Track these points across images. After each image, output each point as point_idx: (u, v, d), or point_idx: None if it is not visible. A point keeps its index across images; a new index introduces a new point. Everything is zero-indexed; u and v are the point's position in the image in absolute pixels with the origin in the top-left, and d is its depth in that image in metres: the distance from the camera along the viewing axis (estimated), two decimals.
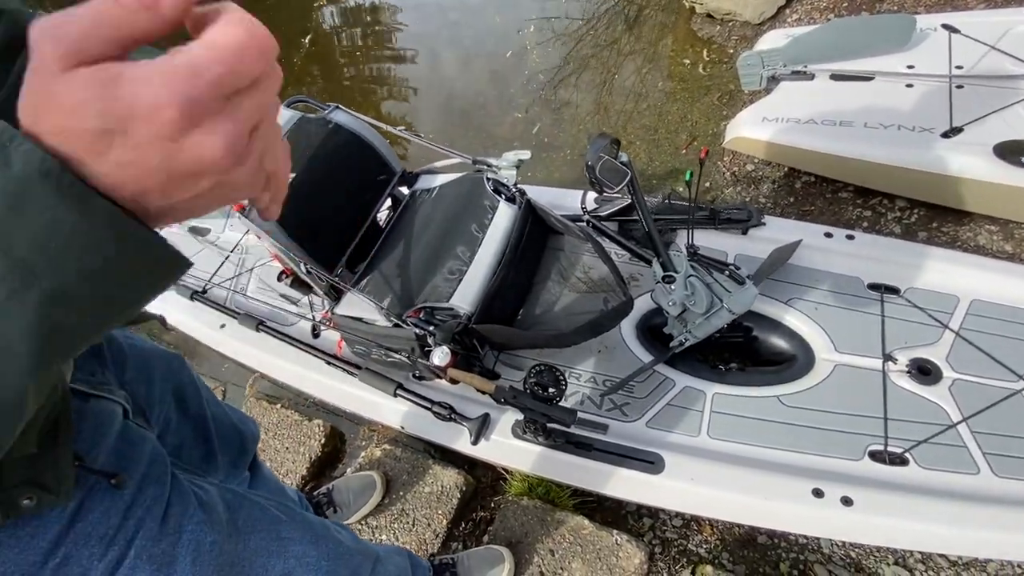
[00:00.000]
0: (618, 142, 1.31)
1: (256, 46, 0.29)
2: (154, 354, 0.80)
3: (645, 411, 1.37)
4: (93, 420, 0.63)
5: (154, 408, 0.76)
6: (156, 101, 0.25)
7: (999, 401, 1.22)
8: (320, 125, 1.54)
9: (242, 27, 0.29)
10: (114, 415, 0.67)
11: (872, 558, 1.31)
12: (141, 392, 0.74)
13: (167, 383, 0.80)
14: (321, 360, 1.58)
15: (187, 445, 0.84)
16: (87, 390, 0.65)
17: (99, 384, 0.67)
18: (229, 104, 0.28)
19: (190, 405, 0.84)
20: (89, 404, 0.64)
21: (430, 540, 1.41)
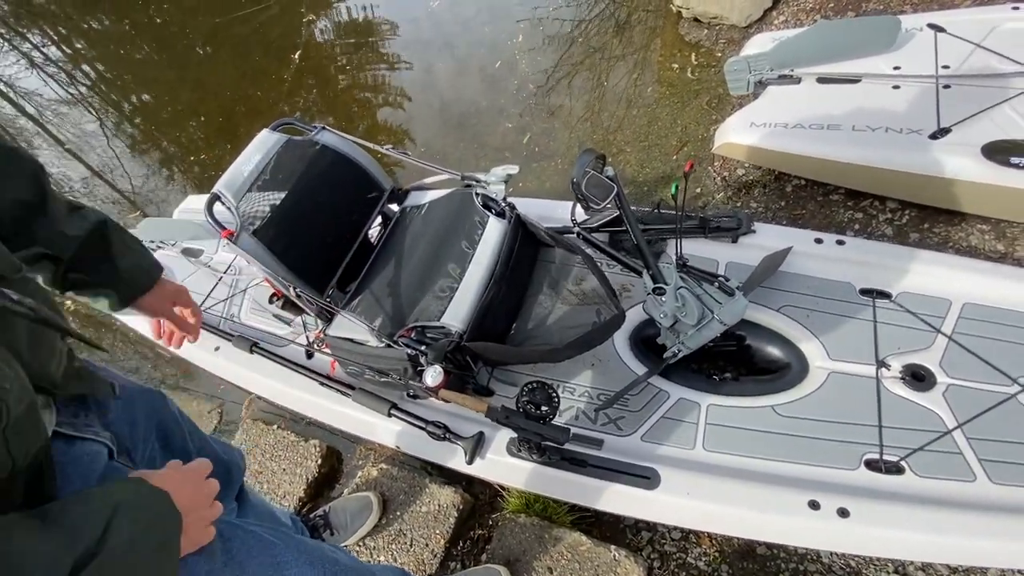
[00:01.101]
0: (603, 157, 1.31)
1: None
2: (136, 392, 0.80)
3: (640, 425, 1.36)
4: (78, 463, 0.64)
5: (138, 446, 0.76)
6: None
7: (994, 406, 1.21)
8: (307, 147, 1.54)
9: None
10: (99, 456, 0.67)
11: (872, 567, 1.30)
12: (125, 432, 0.74)
13: (150, 420, 0.80)
14: (315, 381, 1.58)
15: None
16: (71, 432, 0.65)
17: (83, 426, 0.67)
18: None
19: (173, 441, 0.84)
20: (74, 447, 0.65)
21: (428, 560, 1.40)
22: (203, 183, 3.35)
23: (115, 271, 0.81)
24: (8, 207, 0.70)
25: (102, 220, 0.80)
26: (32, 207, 0.73)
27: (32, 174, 0.74)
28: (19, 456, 0.50)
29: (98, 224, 0.79)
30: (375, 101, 3.50)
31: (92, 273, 0.79)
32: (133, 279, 0.85)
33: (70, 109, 4.29)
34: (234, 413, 2.05)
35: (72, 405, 0.69)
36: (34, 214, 0.73)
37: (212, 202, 1.38)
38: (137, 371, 2.58)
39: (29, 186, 0.73)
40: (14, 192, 0.71)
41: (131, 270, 0.84)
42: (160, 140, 3.81)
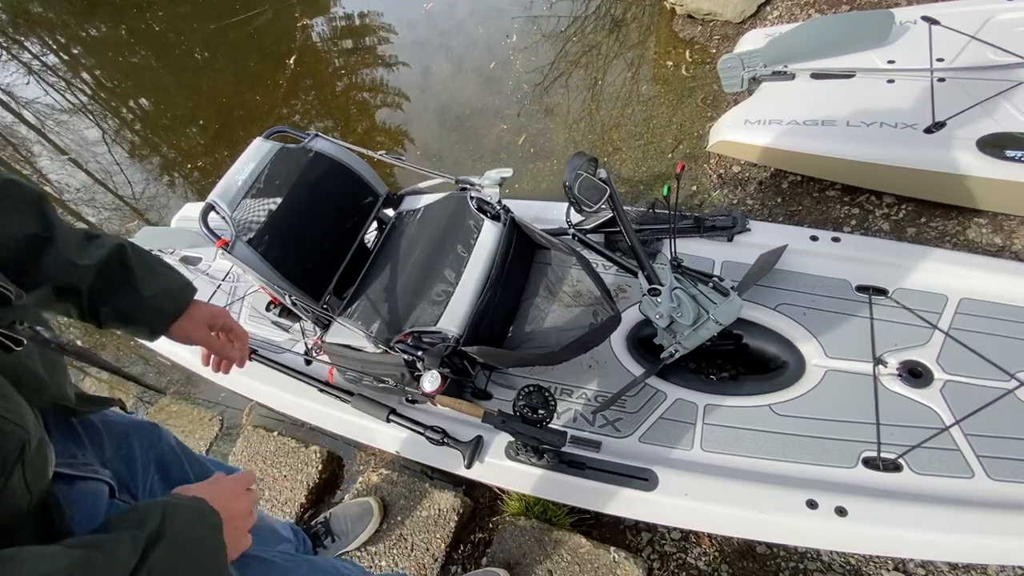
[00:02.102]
0: (596, 160, 1.31)
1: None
2: (130, 428, 0.80)
3: (637, 426, 1.36)
4: (82, 504, 0.64)
5: (138, 482, 0.76)
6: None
7: (992, 402, 1.20)
8: (300, 154, 1.55)
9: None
10: (101, 495, 0.67)
11: (872, 564, 1.30)
12: (123, 469, 0.75)
13: (148, 454, 0.80)
14: (314, 387, 1.59)
15: None
16: (70, 472, 0.65)
17: (82, 465, 0.68)
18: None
19: (172, 472, 0.85)
20: (74, 487, 0.65)
21: (429, 565, 1.41)
22: (202, 189, 3.36)
23: (139, 298, 0.76)
24: (15, 242, 0.68)
25: (119, 246, 0.76)
26: (39, 240, 0.70)
27: (34, 204, 0.71)
28: (36, 490, 0.52)
29: (115, 250, 0.75)
30: (371, 103, 3.50)
31: (117, 302, 0.75)
32: (158, 305, 0.79)
33: (70, 117, 4.31)
34: (235, 420, 2.05)
35: (68, 444, 0.69)
36: (42, 246, 0.70)
37: (207, 212, 1.39)
38: (141, 376, 2.59)
39: (34, 217, 0.70)
40: (19, 226, 0.68)
41: (156, 296, 0.78)
42: (159, 146, 3.82)
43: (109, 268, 0.74)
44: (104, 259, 0.73)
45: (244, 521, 0.63)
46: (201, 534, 0.55)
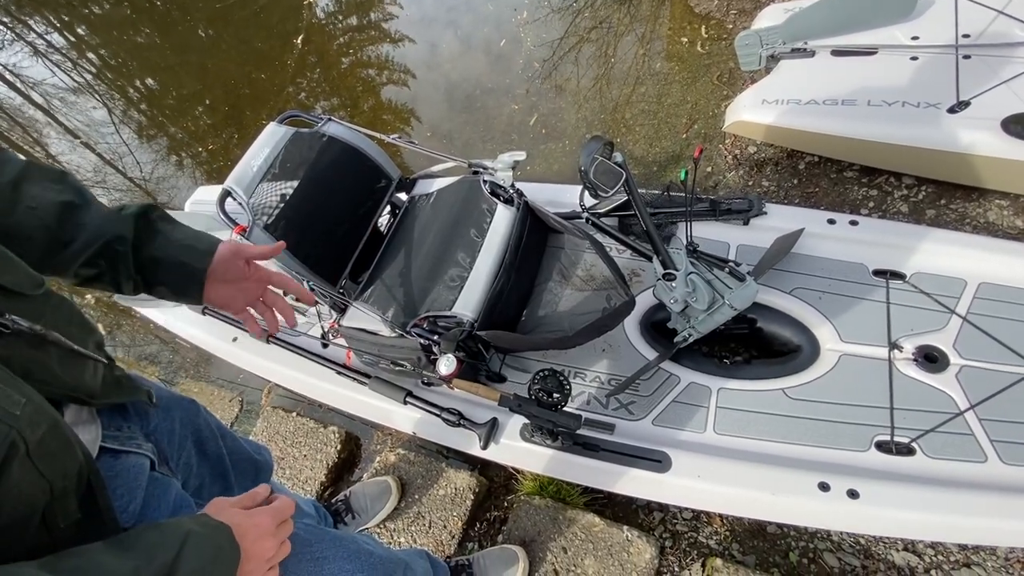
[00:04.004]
0: (611, 143, 1.30)
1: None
2: (172, 401, 0.83)
3: (651, 409, 1.38)
4: (125, 476, 0.66)
5: (174, 455, 0.79)
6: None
7: (1007, 387, 1.21)
8: (314, 139, 1.54)
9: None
10: (143, 469, 0.69)
11: (882, 544, 1.32)
12: (164, 441, 0.77)
13: (186, 428, 0.83)
14: (332, 370, 1.62)
15: (207, 485, 0.88)
16: (116, 447, 0.68)
17: (127, 439, 0.70)
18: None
19: (208, 447, 0.87)
20: (120, 460, 0.67)
21: (446, 541, 1.45)
22: (212, 172, 3.36)
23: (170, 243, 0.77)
24: (55, 209, 0.70)
25: (146, 205, 0.78)
26: (76, 205, 0.73)
27: (62, 178, 0.74)
28: (56, 477, 0.51)
29: (143, 207, 0.77)
30: (380, 81, 3.46)
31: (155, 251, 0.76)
32: (193, 246, 0.79)
33: (77, 97, 4.30)
34: (254, 401, 2.10)
35: (115, 417, 0.71)
36: (80, 210, 0.73)
37: (224, 198, 1.39)
38: (156, 358, 2.64)
39: (64, 188, 0.73)
40: (55, 195, 0.71)
41: (186, 238, 0.79)
42: (167, 127, 3.82)
43: (141, 220, 0.76)
44: (136, 211, 0.76)
45: (262, 565, 0.60)
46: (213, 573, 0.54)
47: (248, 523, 0.60)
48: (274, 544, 0.62)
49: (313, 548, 0.79)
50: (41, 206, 0.70)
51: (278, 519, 0.64)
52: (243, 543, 0.58)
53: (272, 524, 0.62)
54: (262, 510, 0.64)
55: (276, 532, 0.63)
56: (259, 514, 0.62)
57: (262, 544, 0.60)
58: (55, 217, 0.71)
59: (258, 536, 0.60)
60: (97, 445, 0.64)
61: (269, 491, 0.68)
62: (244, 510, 0.63)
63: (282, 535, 0.64)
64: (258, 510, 0.64)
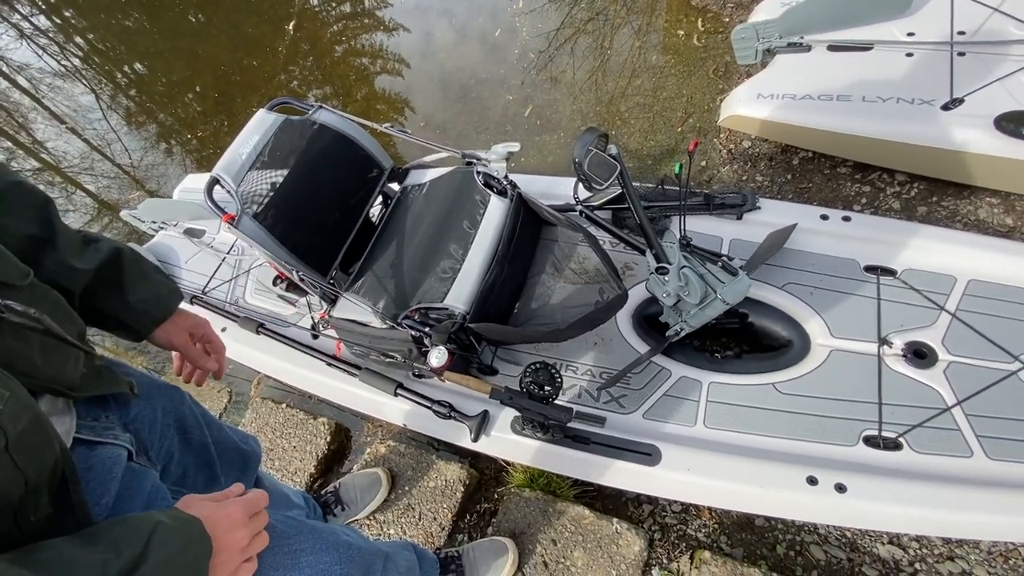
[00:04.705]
0: (606, 135, 1.29)
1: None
2: (155, 389, 0.81)
3: (642, 402, 1.38)
4: (99, 468, 0.65)
5: (155, 444, 0.78)
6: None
7: (994, 383, 1.22)
8: (305, 127, 1.52)
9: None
10: (119, 459, 0.68)
11: (867, 537, 1.33)
12: (145, 430, 0.76)
13: (168, 417, 0.82)
14: (322, 361, 1.60)
15: (191, 473, 0.87)
16: (92, 438, 0.66)
17: (104, 430, 0.69)
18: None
19: (192, 435, 0.86)
20: (95, 452, 0.66)
21: (436, 533, 1.45)
22: (202, 159, 3.31)
23: (126, 303, 0.80)
24: (16, 242, 0.69)
25: (116, 250, 0.79)
26: (41, 241, 0.72)
27: (39, 207, 0.73)
28: (31, 471, 0.51)
29: (111, 255, 0.78)
30: (373, 70, 3.42)
31: (105, 305, 0.78)
32: (145, 310, 0.83)
33: (64, 82, 4.21)
34: (243, 392, 2.08)
35: (93, 407, 0.70)
36: (43, 248, 0.72)
37: (212, 185, 1.37)
38: (144, 347, 2.61)
39: (37, 220, 0.72)
40: (23, 227, 0.71)
41: (143, 301, 0.82)
42: (156, 114, 3.75)
43: (103, 272, 0.77)
44: (100, 263, 0.76)
45: (235, 555, 0.60)
46: (183, 563, 0.54)
47: (219, 514, 0.60)
48: (246, 534, 0.62)
49: (290, 540, 0.77)
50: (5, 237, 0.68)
51: (250, 511, 0.64)
52: (215, 534, 0.58)
53: (244, 515, 0.63)
54: (234, 501, 0.64)
55: (249, 523, 0.63)
56: (230, 505, 0.63)
57: (234, 535, 0.60)
58: (17, 246, 0.68)
59: (230, 527, 0.60)
60: (71, 437, 0.63)
61: (242, 489, 0.68)
62: (215, 503, 0.63)
63: (255, 526, 0.64)
64: (230, 502, 0.64)
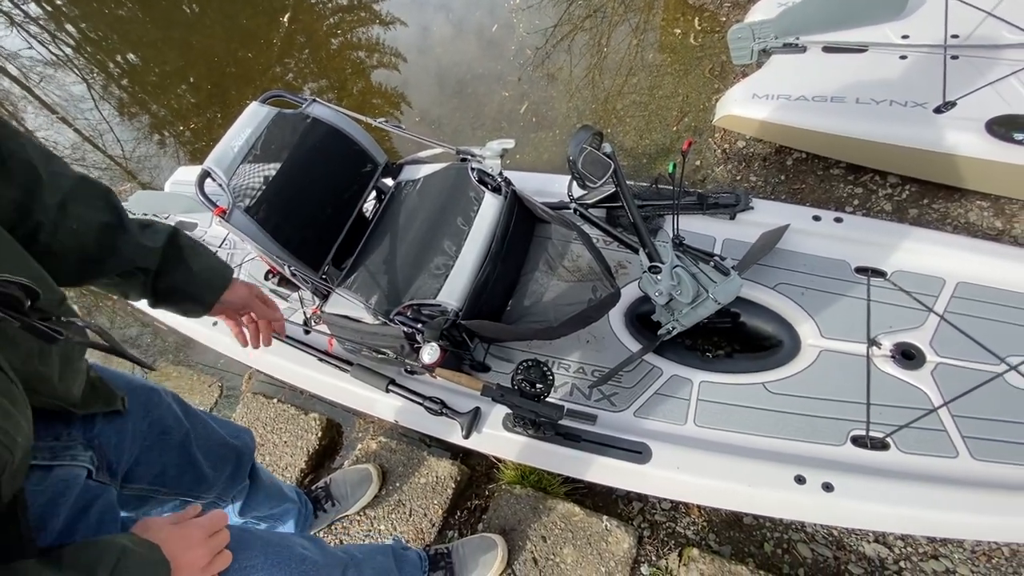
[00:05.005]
0: (601, 134, 1.29)
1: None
2: (130, 393, 0.80)
3: (633, 400, 1.39)
4: (51, 492, 0.63)
5: (123, 456, 0.76)
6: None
7: (980, 385, 1.23)
8: (298, 120, 1.51)
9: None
10: (75, 482, 0.66)
11: (853, 536, 1.35)
12: (110, 444, 0.73)
13: (142, 422, 0.80)
14: (313, 356, 1.60)
15: (171, 472, 0.86)
16: (49, 463, 0.65)
17: (62, 450, 0.67)
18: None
19: (172, 436, 0.85)
20: (50, 475, 0.64)
21: (427, 529, 1.45)
22: (195, 151, 3.28)
23: (191, 274, 0.85)
24: (94, 231, 0.75)
25: (174, 229, 0.85)
26: (113, 227, 0.78)
27: (106, 196, 0.79)
28: (9, 494, 0.51)
29: (170, 233, 0.84)
30: (369, 64, 3.40)
31: (175, 279, 0.84)
32: (208, 279, 0.89)
33: (55, 71, 4.16)
34: (234, 385, 2.07)
35: (55, 424, 0.67)
36: (117, 233, 0.78)
37: (203, 179, 1.36)
38: (136, 341, 2.60)
39: (106, 208, 0.78)
40: (97, 215, 0.76)
41: (205, 272, 0.88)
42: (149, 105, 3.71)
43: (167, 250, 0.83)
44: (164, 242, 0.82)
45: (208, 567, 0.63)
46: None
47: (176, 535, 0.63)
48: (205, 553, 0.64)
49: (240, 556, 0.75)
50: (82, 228, 0.75)
51: (210, 530, 0.66)
52: (173, 555, 0.60)
53: (203, 536, 0.65)
54: (192, 523, 0.66)
55: (208, 542, 0.65)
56: (189, 527, 0.65)
57: (192, 554, 0.62)
58: (93, 239, 0.76)
59: (187, 547, 0.62)
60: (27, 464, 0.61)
61: (199, 510, 0.70)
62: (173, 524, 0.65)
63: (216, 544, 0.66)
64: (189, 523, 0.66)
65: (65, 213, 0.72)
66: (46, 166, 0.71)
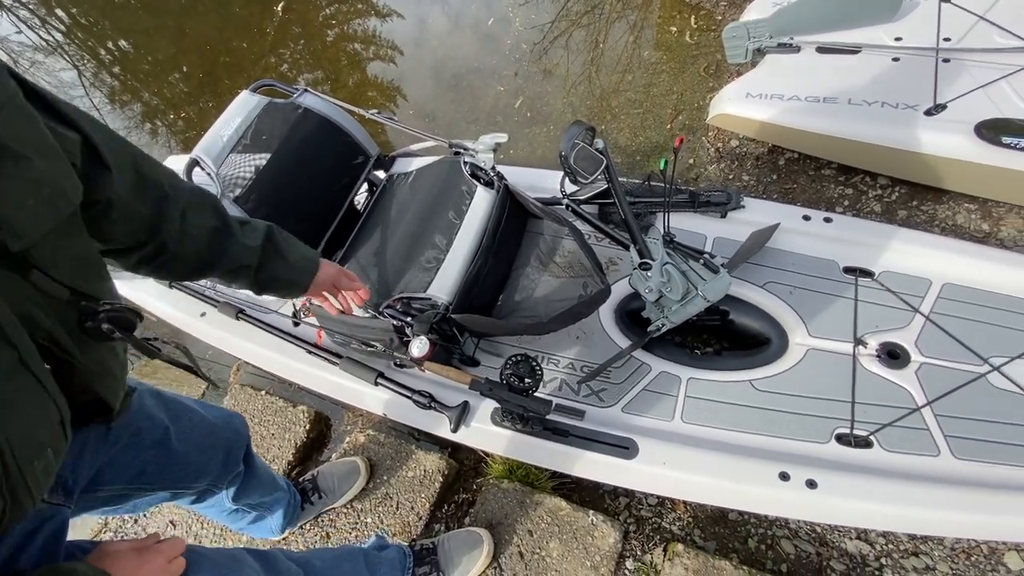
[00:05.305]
0: (593, 129, 1.29)
1: None
2: None
3: (621, 396, 1.39)
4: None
5: (81, 470, 0.73)
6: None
7: (963, 385, 1.24)
8: (289, 110, 1.50)
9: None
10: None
11: (836, 533, 1.36)
12: (68, 461, 0.70)
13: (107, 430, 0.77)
14: (302, 349, 1.59)
15: (151, 469, 0.85)
16: None
17: None
18: None
19: (146, 436, 0.84)
20: None
21: (413, 522, 1.45)
22: (186, 140, 3.25)
23: (288, 264, 0.94)
24: (207, 236, 0.83)
25: (269, 226, 0.92)
26: (222, 231, 0.85)
27: (214, 203, 0.85)
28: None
29: (267, 231, 0.92)
30: (365, 56, 3.37)
31: (275, 271, 0.93)
32: (303, 267, 0.98)
33: (45, 57, 4.10)
34: (222, 377, 2.06)
35: None
36: (224, 237, 0.85)
37: (191, 167, 1.35)
38: None
39: (216, 214, 0.85)
40: (209, 221, 0.83)
41: (299, 261, 0.97)
42: (140, 92, 3.67)
43: (266, 245, 0.90)
44: (263, 239, 0.90)
45: None
46: None
47: (133, 565, 0.64)
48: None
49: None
50: (199, 234, 0.81)
51: (169, 557, 0.68)
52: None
53: (161, 562, 0.66)
54: (152, 549, 0.67)
55: (166, 570, 0.66)
56: (147, 554, 0.66)
57: None
58: (206, 244, 0.83)
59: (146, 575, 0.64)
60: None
61: (159, 537, 0.71)
62: (133, 550, 0.66)
63: (173, 572, 0.68)
64: (148, 550, 0.67)
65: (185, 222, 0.79)
66: (169, 181, 0.77)
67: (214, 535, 1.54)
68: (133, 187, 0.70)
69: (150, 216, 0.74)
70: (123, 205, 0.70)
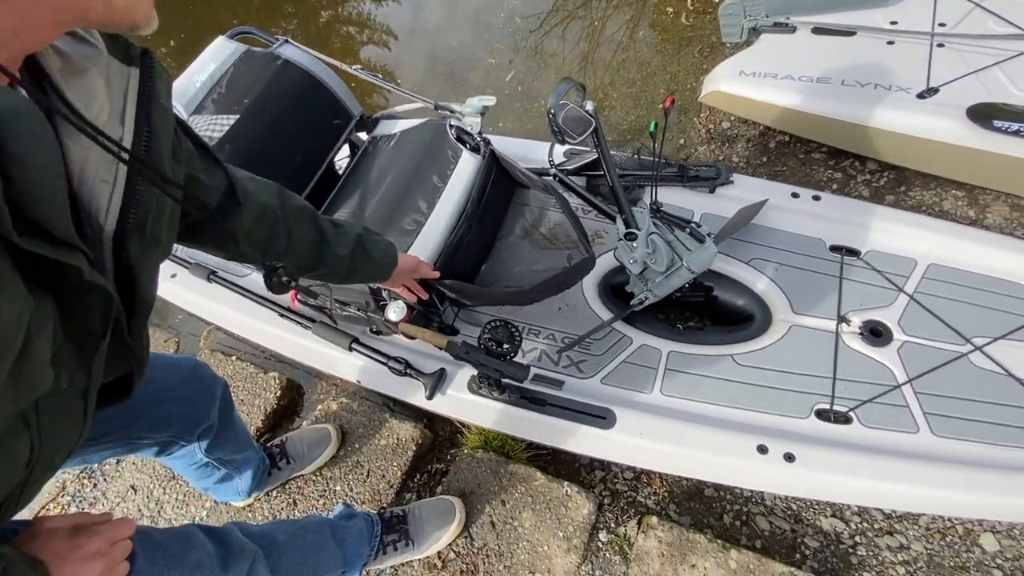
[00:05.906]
0: (584, 87, 1.24)
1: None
2: None
3: (601, 368, 1.37)
4: None
5: None
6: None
7: (944, 363, 1.24)
8: (268, 60, 1.43)
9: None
10: None
11: (811, 510, 1.35)
12: None
13: None
14: (275, 312, 1.53)
15: (118, 427, 0.85)
16: None
17: None
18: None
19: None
20: None
21: (384, 491, 1.41)
22: None
23: (374, 262, 1.04)
24: (309, 248, 0.90)
25: (359, 235, 0.99)
26: (319, 243, 0.91)
27: (314, 216, 0.91)
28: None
29: (357, 238, 0.98)
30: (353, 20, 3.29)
31: (366, 269, 1.03)
32: (386, 263, 1.07)
33: None
34: (191, 345, 1.99)
35: None
36: (322, 247, 0.92)
37: None
38: None
39: (315, 227, 0.91)
40: (310, 235, 0.90)
41: (383, 257, 1.06)
42: None
43: (356, 251, 0.98)
44: (353, 247, 0.97)
45: None
46: None
47: (65, 549, 0.58)
48: (101, 565, 0.60)
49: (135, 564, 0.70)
50: (302, 248, 0.89)
51: (111, 541, 0.62)
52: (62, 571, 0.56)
53: (100, 546, 0.61)
54: (92, 532, 0.61)
55: (108, 555, 0.61)
56: (83, 538, 0.60)
57: (85, 568, 0.58)
58: (308, 254, 0.91)
59: (80, 561, 0.58)
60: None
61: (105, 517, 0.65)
62: (68, 529, 0.61)
63: (115, 558, 0.62)
64: (87, 532, 0.61)
65: (291, 237, 0.86)
66: (277, 201, 0.84)
67: (176, 500, 1.49)
68: (257, 218, 0.79)
69: (266, 238, 0.83)
70: (246, 234, 0.79)
